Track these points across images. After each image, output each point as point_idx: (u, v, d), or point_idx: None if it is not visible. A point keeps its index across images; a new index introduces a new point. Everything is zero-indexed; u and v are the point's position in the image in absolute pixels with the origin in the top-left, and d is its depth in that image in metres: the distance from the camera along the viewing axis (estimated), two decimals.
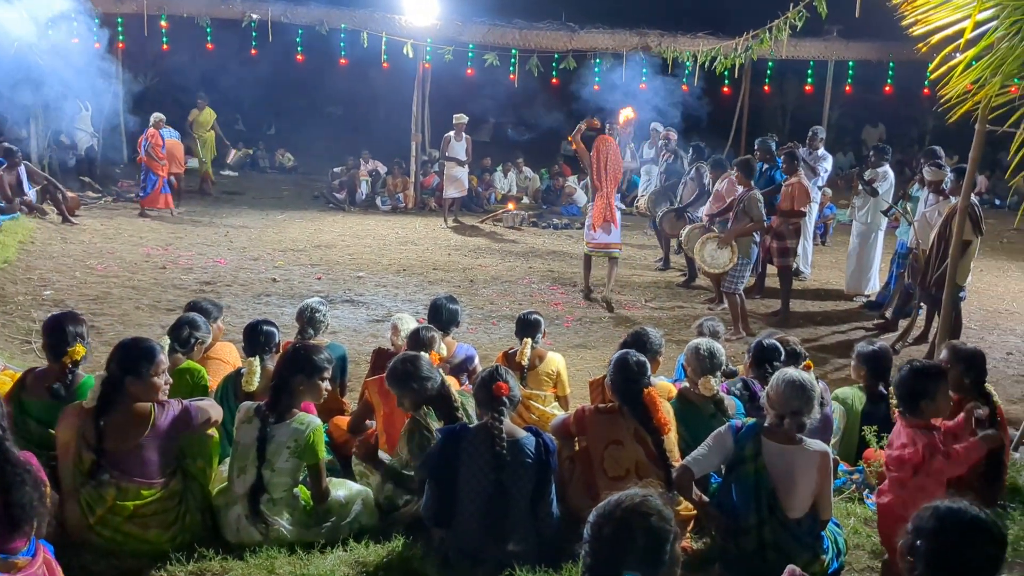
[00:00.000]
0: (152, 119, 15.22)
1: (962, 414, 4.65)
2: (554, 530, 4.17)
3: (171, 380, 4.35)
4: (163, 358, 4.25)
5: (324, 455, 4.43)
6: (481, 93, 18.63)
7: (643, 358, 4.63)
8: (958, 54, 5.40)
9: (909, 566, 2.62)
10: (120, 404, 4.13)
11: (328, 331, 6.70)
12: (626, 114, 11.58)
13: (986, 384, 5.22)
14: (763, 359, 5.29)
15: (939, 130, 22.41)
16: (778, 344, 5.40)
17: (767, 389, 4.20)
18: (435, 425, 4.52)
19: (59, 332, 4.63)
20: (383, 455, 4.91)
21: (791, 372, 4.19)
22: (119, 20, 17.00)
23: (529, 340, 5.90)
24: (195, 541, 4.19)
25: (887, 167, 10.97)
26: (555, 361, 6.01)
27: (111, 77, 18.59)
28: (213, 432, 4.53)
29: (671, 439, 4.44)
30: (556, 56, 17.53)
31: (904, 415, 4.51)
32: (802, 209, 10.14)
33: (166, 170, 15.09)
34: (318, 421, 4.42)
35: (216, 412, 4.47)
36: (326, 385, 4.51)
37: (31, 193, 13.65)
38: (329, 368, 4.51)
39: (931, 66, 5.64)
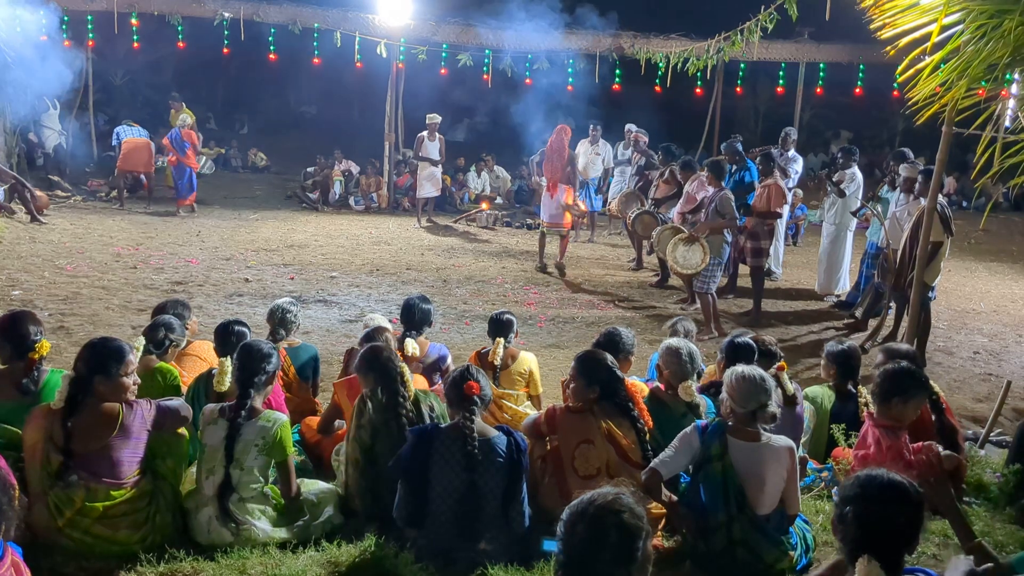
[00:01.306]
0: (182, 120, 15.56)
1: (923, 443, 4.70)
2: (526, 529, 4.18)
3: (139, 380, 4.33)
4: (132, 358, 4.23)
5: (292, 451, 4.45)
6: (455, 92, 18.61)
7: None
8: (925, 57, 5.47)
9: (840, 534, 2.90)
10: (88, 404, 4.10)
11: (300, 331, 6.68)
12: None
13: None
14: (736, 359, 5.28)
15: (909, 132, 22.72)
16: (752, 343, 5.43)
17: (725, 390, 4.24)
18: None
19: (21, 330, 4.59)
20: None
21: (742, 369, 4.25)
22: (89, 18, 16.82)
23: (502, 340, 5.91)
24: (166, 542, 4.16)
25: (855, 168, 11.09)
26: (528, 361, 6.02)
27: (80, 75, 18.46)
28: (183, 431, 4.51)
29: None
30: (530, 56, 17.55)
31: (873, 415, 4.56)
32: (777, 210, 10.21)
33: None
34: (284, 417, 4.42)
35: (186, 411, 4.46)
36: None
37: None
38: (275, 358, 4.54)
39: (899, 69, 5.71)
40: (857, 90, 18.40)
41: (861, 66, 17.94)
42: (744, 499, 4.08)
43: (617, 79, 17.84)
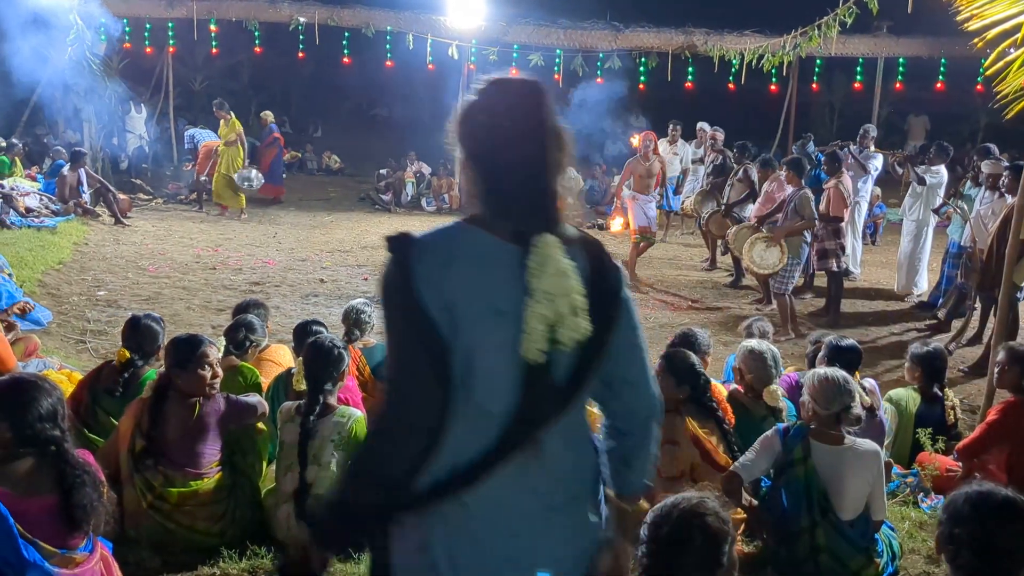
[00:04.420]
0: (267, 116, 17.21)
1: None
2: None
3: (220, 373, 4.41)
4: (208, 351, 4.31)
5: None
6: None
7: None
8: (1012, 50, 5.30)
9: (951, 554, 2.70)
10: (172, 397, 4.26)
11: (374, 331, 6.73)
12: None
13: None
14: (838, 361, 5.02)
15: (992, 127, 22.00)
16: (857, 345, 5.30)
17: (806, 392, 4.16)
18: None
19: (126, 331, 4.98)
20: None
21: (824, 370, 4.18)
22: (170, 24, 17.25)
23: None
24: (246, 537, 4.23)
25: (942, 166, 10.77)
26: None
27: (162, 80, 18.98)
28: (262, 427, 4.59)
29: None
30: (601, 56, 17.46)
31: None
32: (837, 215, 9.74)
33: None
34: (359, 413, 4.45)
35: (263, 406, 4.55)
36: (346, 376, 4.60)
37: (85, 196, 13.93)
38: (345, 360, 4.52)
39: (986, 62, 5.54)
40: (939, 85, 17.88)
41: (942, 60, 17.42)
42: (827, 504, 3.99)
43: (690, 77, 17.65)
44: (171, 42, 17.84)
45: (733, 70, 16.22)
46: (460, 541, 2.04)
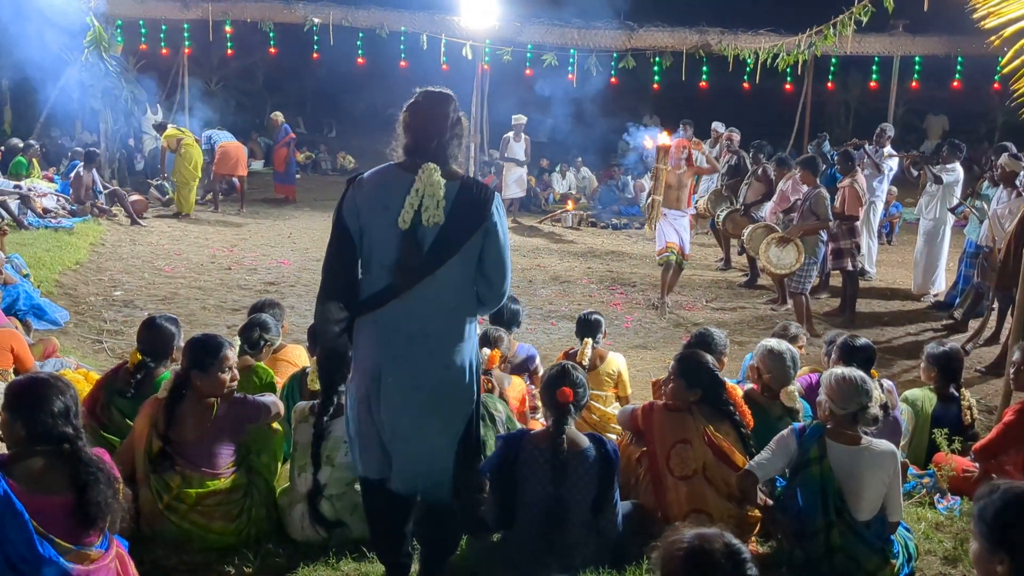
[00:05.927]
0: (277, 117, 17.58)
1: None
2: (616, 536, 4.11)
3: (237, 376, 4.43)
4: (228, 353, 4.33)
5: None
6: (540, 93, 18.57)
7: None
8: None
9: (998, 560, 2.49)
10: (188, 397, 4.25)
11: None
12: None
13: None
14: (852, 360, 4.96)
15: (1009, 126, 21.86)
16: (871, 344, 5.26)
17: (823, 392, 4.13)
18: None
19: (140, 332, 4.99)
20: None
21: (842, 370, 4.15)
22: (185, 26, 17.34)
23: (590, 340, 5.87)
24: (261, 537, 4.24)
25: (957, 164, 10.70)
26: (616, 362, 5.97)
27: (178, 81, 19.09)
28: (277, 427, 4.60)
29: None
30: (615, 55, 17.43)
31: None
32: (852, 214, 9.74)
33: None
34: None
35: (278, 406, 4.54)
36: None
37: (101, 196, 14.01)
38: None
39: (1003, 60, 5.50)
40: (955, 83, 17.76)
41: (959, 59, 17.30)
42: (843, 504, 3.96)
43: (704, 76, 17.60)
44: (187, 43, 17.94)
45: (748, 69, 16.19)
46: (372, 345, 3.49)
